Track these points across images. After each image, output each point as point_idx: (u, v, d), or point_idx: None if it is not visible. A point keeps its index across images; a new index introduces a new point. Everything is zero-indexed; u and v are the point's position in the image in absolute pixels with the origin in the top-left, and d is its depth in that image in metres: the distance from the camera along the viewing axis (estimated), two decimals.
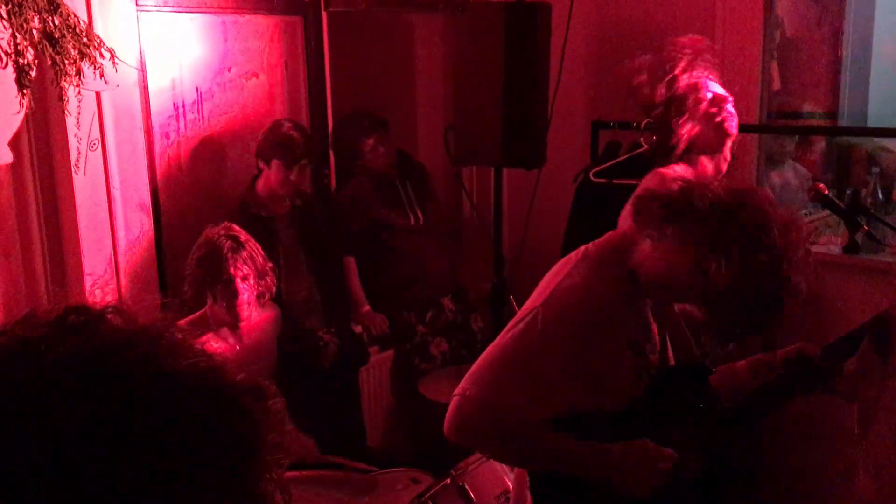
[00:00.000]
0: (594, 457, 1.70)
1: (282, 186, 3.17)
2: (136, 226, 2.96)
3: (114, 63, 2.70)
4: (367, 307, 3.70)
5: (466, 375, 1.73)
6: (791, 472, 3.27)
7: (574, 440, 1.69)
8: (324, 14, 3.52)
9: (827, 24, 4.67)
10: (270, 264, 2.77)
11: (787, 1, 4.22)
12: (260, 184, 3.23)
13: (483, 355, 1.75)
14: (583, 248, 1.80)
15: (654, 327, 1.85)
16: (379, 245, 3.75)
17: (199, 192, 3.34)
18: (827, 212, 2.99)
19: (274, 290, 2.81)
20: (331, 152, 3.72)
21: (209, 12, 3.23)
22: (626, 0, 3.74)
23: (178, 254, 3.16)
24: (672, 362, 1.91)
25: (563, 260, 1.81)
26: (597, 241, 1.82)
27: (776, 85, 4.29)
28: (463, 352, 3.77)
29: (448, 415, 1.70)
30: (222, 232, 2.65)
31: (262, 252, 2.71)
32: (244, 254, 2.61)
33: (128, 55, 2.82)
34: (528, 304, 1.76)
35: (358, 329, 3.65)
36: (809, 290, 1.58)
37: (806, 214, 3.42)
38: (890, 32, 4.69)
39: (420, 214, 3.79)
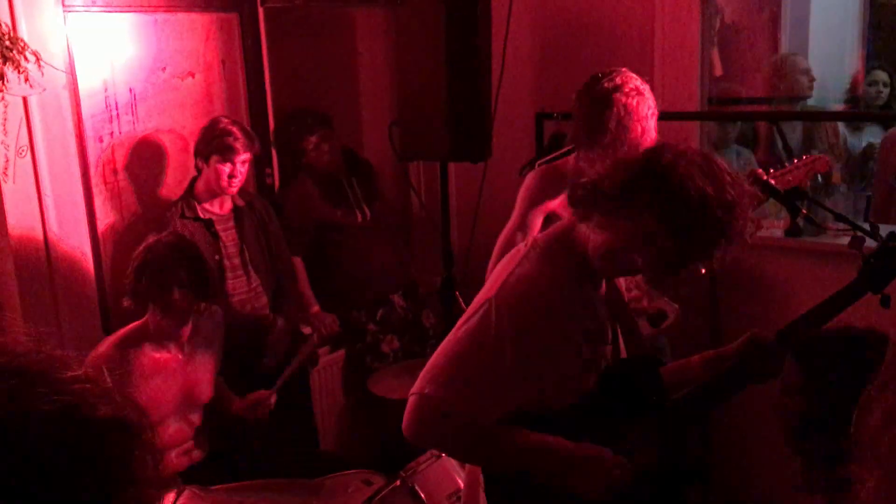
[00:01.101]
0: (553, 456, 1.69)
1: (222, 183, 3.07)
2: (70, 234, 2.86)
3: (40, 66, 2.61)
4: (316, 307, 3.64)
5: (422, 374, 1.70)
6: (747, 469, 3.30)
7: (532, 438, 1.68)
8: (260, 10, 3.45)
9: (766, 10, 4.73)
10: (212, 269, 2.70)
11: None
12: (199, 185, 3.15)
13: (438, 352, 1.72)
14: (531, 238, 1.80)
15: (605, 318, 1.85)
16: (326, 244, 3.69)
17: (136, 196, 3.26)
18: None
19: (217, 295, 2.75)
20: (273, 151, 3.65)
21: (140, 11, 3.14)
22: None
23: (116, 261, 3.08)
24: (623, 353, 1.91)
25: (513, 251, 1.81)
26: (545, 231, 1.82)
27: (718, 71, 4.33)
28: (415, 349, 3.74)
29: (406, 415, 1.67)
30: (163, 240, 2.58)
31: (203, 258, 2.65)
32: (186, 262, 2.54)
33: (55, 58, 2.73)
34: (479, 297, 1.74)
35: (308, 330, 3.59)
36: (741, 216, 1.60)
37: None
38: (825, 17, 4.77)
39: (367, 211, 3.74)
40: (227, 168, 3.05)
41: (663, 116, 3.51)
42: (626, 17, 3.60)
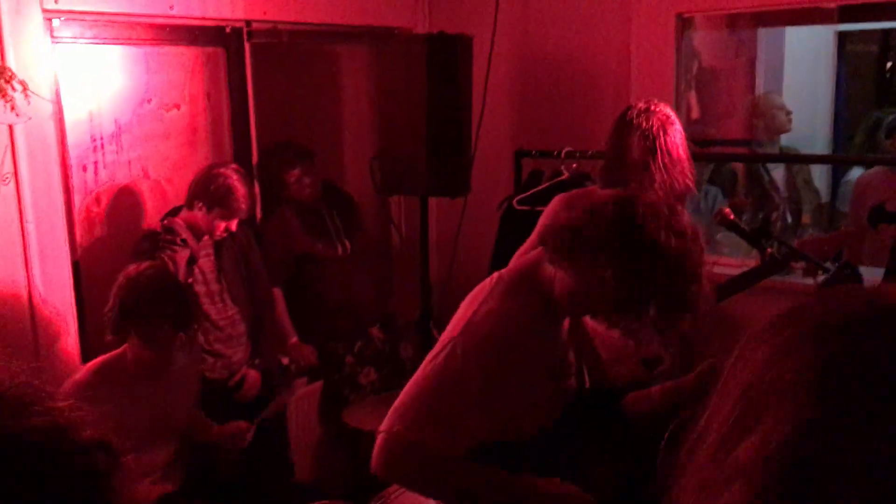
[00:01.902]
0: (520, 492, 1.71)
1: (216, 233, 3.14)
2: (52, 261, 2.89)
3: (26, 96, 2.65)
4: (294, 338, 3.66)
5: (390, 411, 1.72)
6: None
7: (499, 473, 1.70)
8: (247, 45, 3.52)
9: (743, 55, 4.86)
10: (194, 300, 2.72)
11: (704, 33, 4.38)
12: (185, 217, 3.16)
13: (406, 389, 1.74)
14: (496, 274, 1.82)
15: (570, 351, 1.88)
16: (306, 276, 3.73)
17: (118, 225, 3.29)
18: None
19: (198, 327, 2.77)
20: (255, 183, 3.70)
21: (128, 44, 3.20)
22: (545, 33, 3.84)
23: (96, 289, 3.09)
24: (587, 385, 1.94)
25: (478, 288, 1.83)
26: (510, 266, 1.85)
27: (695, 114, 4.43)
28: (392, 381, 3.76)
29: (374, 453, 1.69)
30: (144, 274, 2.57)
31: (184, 290, 2.67)
32: (168, 298, 2.55)
33: (42, 87, 2.77)
34: (445, 335, 1.76)
35: (286, 361, 3.61)
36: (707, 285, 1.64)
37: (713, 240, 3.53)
38: (799, 62, 4.90)
39: (347, 244, 3.78)
40: (224, 224, 3.12)
41: None
42: (603, 59, 3.70)
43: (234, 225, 3.15)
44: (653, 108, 2.54)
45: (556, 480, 1.73)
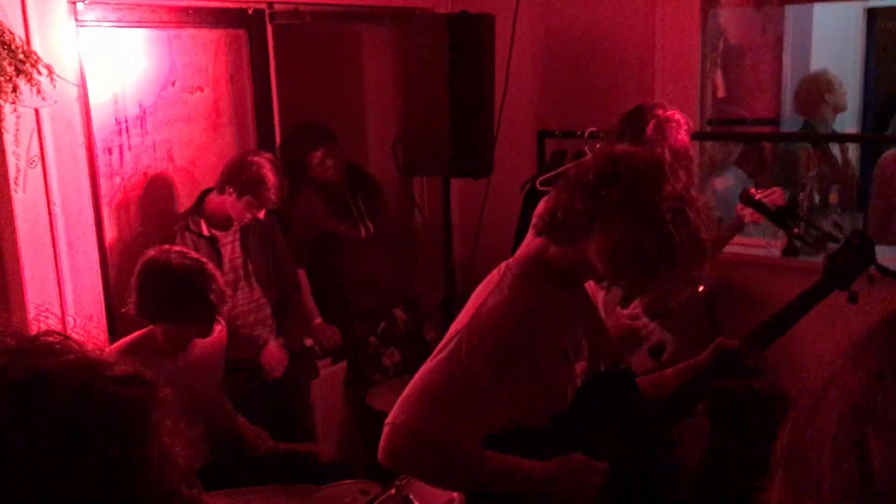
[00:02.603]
0: (528, 476, 1.70)
1: (244, 219, 3.16)
2: (78, 243, 2.92)
3: (52, 79, 2.67)
4: (319, 320, 3.68)
5: (397, 403, 1.72)
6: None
7: (507, 461, 1.70)
8: (269, 26, 3.52)
9: (770, 32, 4.78)
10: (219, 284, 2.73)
11: (730, 10, 4.32)
12: (214, 202, 3.17)
13: (412, 381, 1.73)
14: (503, 264, 1.79)
15: (583, 334, 1.86)
16: (330, 257, 3.75)
17: (143, 207, 3.32)
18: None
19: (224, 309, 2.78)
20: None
21: (151, 27, 3.21)
22: (569, 12, 3.80)
23: (122, 270, 3.13)
24: (601, 369, 1.93)
25: (486, 279, 1.80)
26: (516, 255, 1.82)
27: (721, 93, 4.37)
28: (416, 362, 3.77)
29: (381, 444, 1.68)
30: (168, 262, 2.55)
31: (208, 276, 2.67)
32: (190, 288, 2.54)
33: (67, 71, 2.79)
34: (453, 327, 1.75)
35: (310, 342, 3.64)
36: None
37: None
38: (827, 40, 4.82)
39: (370, 226, 3.79)
40: (252, 213, 3.13)
41: None
42: (627, 38, 3.66)
43: (261, 214, 3.17)
44: (670, 115, 2.46)
45: (563, 457, 1.71)
